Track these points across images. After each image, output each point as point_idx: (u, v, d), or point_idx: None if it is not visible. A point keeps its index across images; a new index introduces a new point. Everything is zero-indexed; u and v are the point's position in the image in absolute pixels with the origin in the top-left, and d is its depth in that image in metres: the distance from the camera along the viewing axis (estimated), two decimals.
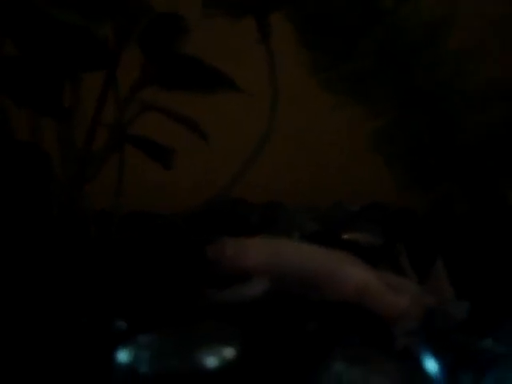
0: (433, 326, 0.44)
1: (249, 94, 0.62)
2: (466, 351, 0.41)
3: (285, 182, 0.78)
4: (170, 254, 0.53)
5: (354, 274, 0.49)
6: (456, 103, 0.64)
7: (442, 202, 0.70)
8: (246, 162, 0.66)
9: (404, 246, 0.70)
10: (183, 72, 0.69)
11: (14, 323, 0.45)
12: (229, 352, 0.36)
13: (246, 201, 0.85)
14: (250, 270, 0.50)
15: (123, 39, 0.70)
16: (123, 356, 0.38)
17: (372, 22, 0.61)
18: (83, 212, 0.66)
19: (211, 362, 0.36)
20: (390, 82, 0.63)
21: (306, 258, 0.50)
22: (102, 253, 0.57)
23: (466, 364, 0.40)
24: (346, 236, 0.80)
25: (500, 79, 0.71)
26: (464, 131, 0.65)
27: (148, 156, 0.75)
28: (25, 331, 0.44)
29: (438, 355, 0.40)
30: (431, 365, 0.39)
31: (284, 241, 0.52)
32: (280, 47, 0.63)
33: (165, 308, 0.46)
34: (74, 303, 0.47)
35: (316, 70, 0.61)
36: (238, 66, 0.67)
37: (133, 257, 0.55)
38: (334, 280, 0.49)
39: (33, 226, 0.61)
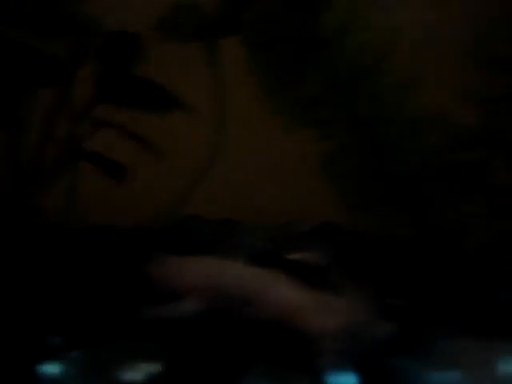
0: (356, 346, 0.45)
1: (197, 113, 0.64)
2: (386, 370, 0.43)
3: (241, 200, 0.80)
4: (111, 270, 0.54)
5: (285, 295, 0.51)
6: (397, 130, 0.67)
7: (385, 224, 0.72)
8: (193, 180, 0.68)
9: (349, 267, 0.72)
10: (134, 91, 0.71)
11: None
12: (152, 369, 0.37)
13: (202, 217, 0.86)
14: (189, 289, 0.51)
15: (78, 57, 0.72)
16: (51, 370, 0.39)
17: (317, 50, 0.63)
18: (33, 225, 0.67)
19: (134, 378, 0.37)
20: (334, 109, 0.65)
21: (242, 278, 0.52)
22: (44, 266, 0.57)
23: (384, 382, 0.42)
24: (292, 256, 0.82)
25: (439, 107, 0.74)
26: (404, 157, 0.68)
27: (101, 171, 0.77)
28: None
29: (359, 373, 0.42)
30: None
31: (222, 262, 0.53)
32: (233, 70, 0.65)
33: (101, 324, 0.47)
34: (9, 316, 0.47)
35: (265, 95, 0.63)
36: (194, 87, 0.69)
37: (74, 272, 0.55)
38: (266, 300, 0.51)
39: None
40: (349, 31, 0.62)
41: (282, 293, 0.51)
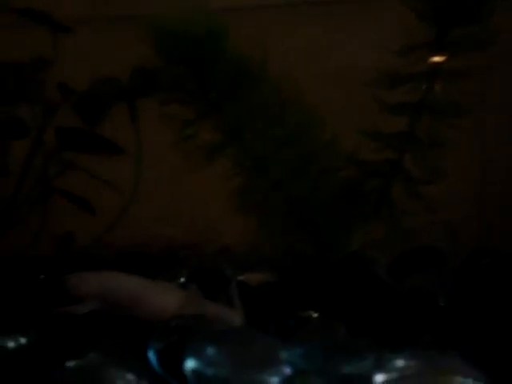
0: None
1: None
2: None
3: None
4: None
5: (156, 300, 0.65)
6: (295, 165, 0.79)
7: (288, 247, 0.85)
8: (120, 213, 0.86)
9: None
10: (88, 141, 0.89)
11: None
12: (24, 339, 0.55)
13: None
14: (87, 295, 0.67)
15: (48, 113, 0.91)
16: None
17: (213, 105, 0.78)
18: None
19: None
20: (236, 151, 0.79)
21: (125, 287, 0.67)
22: None
23: None
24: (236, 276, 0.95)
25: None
26: (300, 190, 0.80)
27: (75, 205, 0.95)
28: None
29: None
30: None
31: (113, 274, 0.69)
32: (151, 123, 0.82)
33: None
34: None
35: (177, 138, 0.79)
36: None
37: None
38: (144, 304, 0.66)
39: None
40: (240, 85, 0.77)
41: (156, 299, 0.66)
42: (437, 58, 0.81)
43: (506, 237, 0.95)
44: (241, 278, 0.90)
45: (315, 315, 0.78)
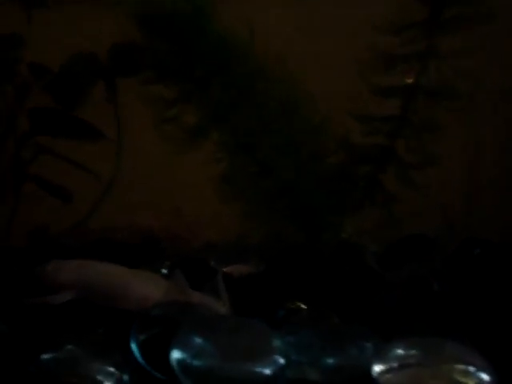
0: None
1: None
2: None
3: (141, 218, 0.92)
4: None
5: (138, 289, 0.61)
6: (278, 152, 0.76)
7: (278, 235, 0.81)
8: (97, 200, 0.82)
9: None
10: (64, 124, 0.84)
11: None
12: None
13: None
14: (63, 284, 0.63)
15: (20, 95, 0.86)
16: None
17: (198, 84, 0.74)
18: None
19: None
20: (221, 134, 0.76)
21: (105, 275, 0.63)
22: None
23: None
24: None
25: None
26: (289, 176, 0.77)
27: (49, 193, 0.90)
28: None
29: None
30: None
31: (92, 262, 0.65)
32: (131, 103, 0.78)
33: None
34: None
35: (158, 121, 0.75)
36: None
37: None
38: (122, 293, 0.61)
39: None
40: (226, 63, 0.73)
41: (135, 287, 0.62)
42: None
43: (495, 221, 0.93)
44: (225, 269, 0.88)
45: (304, 306, 0.76)
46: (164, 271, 0.86)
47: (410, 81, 0.81)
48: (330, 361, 0.55)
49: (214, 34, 0.71)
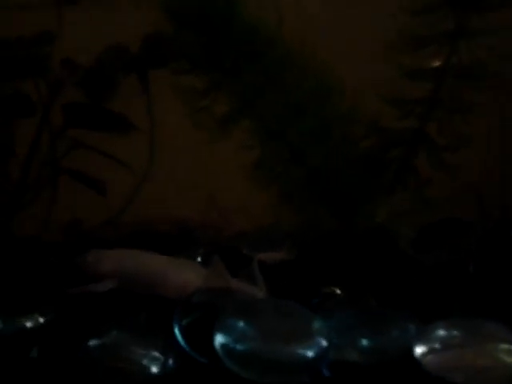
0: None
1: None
2: None
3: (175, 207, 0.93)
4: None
5: (177, 276, 0.62)
6: (310, 138, 0.76)
7: (311, 221, 0.81)
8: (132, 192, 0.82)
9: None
10: (99, 118, 0.85)
11: None
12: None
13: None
14: (104, 273, 0.64)
15: (53, 91, 0.87)
16: None
17: (230, 73, 0.74)
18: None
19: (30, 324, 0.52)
20: (253, 122, 0.76)
21: (145, 264, 0.64)
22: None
23: None
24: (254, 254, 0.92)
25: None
26: (322, 161, 0.77)
27: (85, 185, 0.91)
28: None
29: None
30: None
31: (131, 251, 0.66)
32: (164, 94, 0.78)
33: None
34: None
35: (190, 111, 0.75)
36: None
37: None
38: (166, 282, 0.62)
39: None
40: (255, 50, 0.73)
41: (176, 275, 0.63)
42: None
43: None
44: (259, 256, 0.89)
45: (339, 291, 0.76)
46: (198, 259, 0.88)
47: (439, 62, 0.81)
48: (371, 342, 0.55)
49: (243, 21, 0.72)
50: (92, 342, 0.51)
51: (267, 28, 0.73)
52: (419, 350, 0.55)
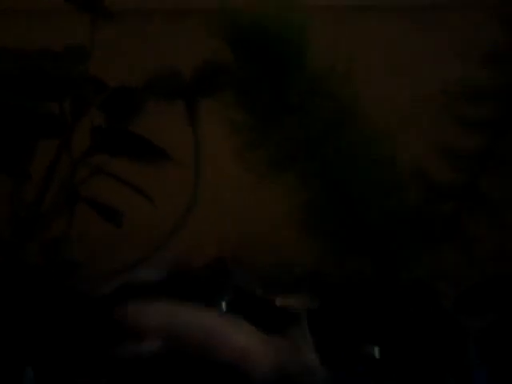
0: None
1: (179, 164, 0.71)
2: None
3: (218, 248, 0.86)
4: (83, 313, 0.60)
5: (234, 339, 0.55)
6: (363, 187, 0.71)
7: (353, 271, 0.76)
8: (172, 229, 0.75)
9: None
10: (127, 144, 0.78)
11: None
12: None
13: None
14: (147, 329, 0.57)
15: (78, 111, 0.79)
16: None
17: (287, 111, 0.69)
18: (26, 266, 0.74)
19: None
20: (302, 167, 0.70)
21: (196, 323, 0.57)
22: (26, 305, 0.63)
23: None
24: (278, 301, 0.86)
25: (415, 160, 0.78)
26: (370, 212, 0.72)
27: (101, 216, 0.84)
28: None
29: None
30: None
31: (180, 306, 0.59)
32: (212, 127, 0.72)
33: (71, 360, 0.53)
34: None
35: (238, 153, 0.69)
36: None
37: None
38: (217, 343, 0.56)
39: None
40: (320, 94, 0.68)
41: (232, 337, 0.56)
42: None
43: None
44: (279, 302, 0.83)
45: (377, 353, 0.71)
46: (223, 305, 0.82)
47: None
48: None
49: (309, 65, 0.66)
50: None
51: (334, 77, 0.67)
52: None
